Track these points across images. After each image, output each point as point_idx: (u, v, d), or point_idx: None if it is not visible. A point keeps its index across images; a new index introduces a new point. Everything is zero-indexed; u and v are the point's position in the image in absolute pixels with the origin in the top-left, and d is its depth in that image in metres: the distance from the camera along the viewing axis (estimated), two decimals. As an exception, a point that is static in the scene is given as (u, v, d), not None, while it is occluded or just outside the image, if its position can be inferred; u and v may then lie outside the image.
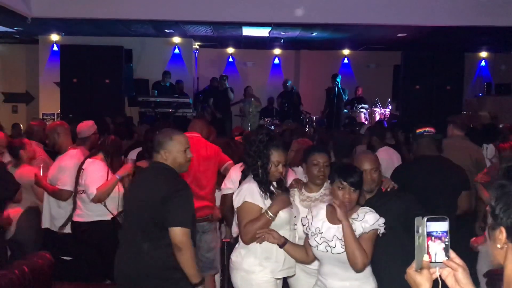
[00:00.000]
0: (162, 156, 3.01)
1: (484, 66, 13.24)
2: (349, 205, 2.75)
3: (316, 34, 10.74)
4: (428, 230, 1.46)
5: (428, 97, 8.75)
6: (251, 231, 2.92)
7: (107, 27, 10.31)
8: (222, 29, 10.40)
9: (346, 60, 13.23)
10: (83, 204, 4.26)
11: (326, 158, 3.25)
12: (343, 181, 2.73)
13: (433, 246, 1.47)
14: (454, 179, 3.92)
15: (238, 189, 3.07)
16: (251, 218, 2.94)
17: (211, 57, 13.27)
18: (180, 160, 3.03)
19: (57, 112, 10.63)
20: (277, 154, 3.02)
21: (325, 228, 2.84)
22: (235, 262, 3.07)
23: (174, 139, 3.04)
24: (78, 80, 9.96)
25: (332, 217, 2.84)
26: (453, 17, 8.56)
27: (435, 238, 1.47)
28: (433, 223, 1.47)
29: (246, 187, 3.00)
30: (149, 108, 10.28)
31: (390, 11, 8.59)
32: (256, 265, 2.99)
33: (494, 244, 1.44)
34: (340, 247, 2.75)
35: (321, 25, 9.49)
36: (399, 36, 10.52)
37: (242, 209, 2.98)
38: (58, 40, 11.50)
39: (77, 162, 4.36)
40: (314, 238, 2.85)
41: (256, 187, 2.99)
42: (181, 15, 8.91)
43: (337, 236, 2.78)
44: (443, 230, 1.47)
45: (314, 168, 3.22)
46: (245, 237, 2.96)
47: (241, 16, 8.82)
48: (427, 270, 1.48)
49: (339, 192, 2.74)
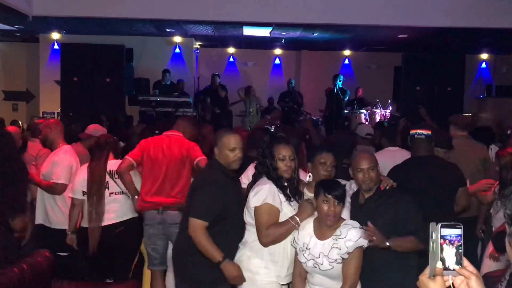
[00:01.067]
0: (216, 152, 3.29)
1: (485, 68, 13.22)
2: (333, 218, 2.83)
3: (317, 34, 10.73)
4: (442, 235, 1.45)
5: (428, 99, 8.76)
6: (274, 235, 2.99)
7: (108, 26, 10.30)
8: (223, 28, 10.40)
9: (347, 61, 13.22)
10: (118, 204, 4.29)
11: (333, 158, 3.27)
12: (328, 194, 2.81)
13: (446, 253, 1.45)
14: (449, 176, 3.96)
15: (257, 188, 3.07)
16: (272, 220, 2.99)
17: (212, 57, 13.27)
18: (227, 158, 3.23)
19: (57, 111, 10.62)
20: (279, 149, 3.12)
21: (312, 244, 2.91)
22: (240, 262, 3.10)
23: (223, 138, 3.26)
24: (78, 78, 9.96)
25: (320, 232, 2.91)
26: (454, 18, 8.55)
27: (449, 243, 1.45)
28: (447, 229, 1.45)
29: (268, 188, 3.03)
30: (150, 107, 10.27)
31: (391, 12, 8.59)
32: (262, 267, 3.04)
33: None
34: (328, 264, 2.83)
35: (322, 25, 9.49)
36: (400, 37, 10.52)
37: (262, 209, 3.01)
38: (59, 39, 11.49)
39: (69, 157, 4.51)
40: (302, 254, 2.93)
41: (276, 189, 3.05)
42: (182, 15, 8.91)
43: (323, 253, 2.85)
44: (457, 234, 1.45)
45: (321, 167, 3.23)
46: (266, 239, 3.00)
47: (242, 16, 8.82)
48: (441, 277, 1.45)
49: (324, 206, 2.82)
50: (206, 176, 3.29)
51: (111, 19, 9.21)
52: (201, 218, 3.06)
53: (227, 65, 13.26)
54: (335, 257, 2.83)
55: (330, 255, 2.83)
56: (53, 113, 10.97)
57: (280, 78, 13.10)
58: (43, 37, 11.64)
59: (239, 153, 3.22)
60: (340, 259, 2.82)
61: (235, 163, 3.24)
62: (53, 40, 11.57)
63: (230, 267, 3.00)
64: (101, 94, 9.86)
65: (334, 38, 11.24)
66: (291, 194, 3.14)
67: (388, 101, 11.05)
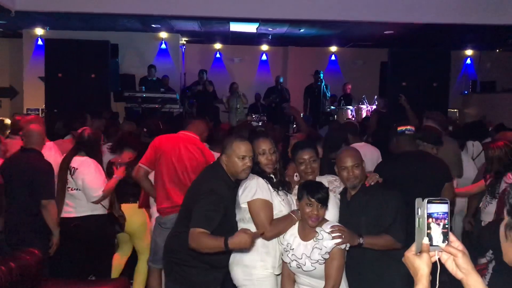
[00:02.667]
0: (223, 159, 3.14)
1: (470, 64, 13.37)
2: (316, 220, 2.86)
3: (303, 30, 10.74)
4: (428, 212, 1.42)
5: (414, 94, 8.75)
6: (278, 229, 2.99)
7: (93, 22, 10.18)
8: (209, 24, 10.35)
9: (334, 57, 13.26)
10: (73, 200, 4.37)
11: (312, 153, 3.29)
12: (311, 197, 2.84)
13: (433, 228, 1.42)
14: (437, 171, 4.02)
15: (245, 184, 3.08)
16: (271, 214, 3.00)
17: (198, 53, 13.20)
18: (235, 166, 3.09)
19: (41, 107, 10.48)
20: (259, 143, 3.15)
21: (296, 244, 2.94)
22: (236, 257, 3.11)
23: (233, 145, 3.11)
24: (63, 75, 9.79)
25: (303, 233, 2.95)
26: (439, 14, 8.62)
27: (436, 219, 1.42)
28: (434, 205, 1.43)
29: (255, 182, 3.05)
30: (136, 104, 10.20)
31: (377, 8, 8.62)
32: (258, 260, 3.06)
33: (511, 245, 1.39)
34: (310, 265, 2.86)
35: (308, 21, 9.49)
36: (386, 33, 10.57)
37: (256, 205, 3.00)
38: (42, 34, 11.34)
39: (54, 153, 4.61)
40: (286, 255, 2.97)
41: (264, 181, 3.06)
42: (168, 10, 8.83)
43: (305, 254, 2.89)
44: (443, 211, 1.43)
45: (300, 166, 3.29)
46: (270, 233, 3.00)
47: (228, 12, 8.78)
48: (427, 254, 1.44)
49: (307, 208, 2.85)
50: (208, 185, 3.07)
51: (96, 14, 9.10)
52: (199, 226, 2.91)
53: (213, 61, 13.20)
54: (316, 258, 2.86)
55: (312, 256, 2.87)
56: (37, 110, 10.83)
57: (267, 74, 13.09)
58: (26, 33, 11.48)
59: (248, 162, 3.08)
60: (322, 259, 2.85)
61: (244, 172, 3.09)
62: (37, 35, 11.42)
63: (236, 241, 2.78)
64: (86, 90, 9.72)
65: (320, 34, 11.26)
66: (278, 185, 3.15)
67: (374, 97, 11.11)
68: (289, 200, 3.17)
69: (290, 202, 3.17)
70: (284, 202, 3.10)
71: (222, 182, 3.10)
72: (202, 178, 3.22)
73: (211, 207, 2.96)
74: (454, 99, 12.05)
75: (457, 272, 1.45)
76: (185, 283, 3.18)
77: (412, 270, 1.47)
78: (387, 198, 3.10)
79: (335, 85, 11.80)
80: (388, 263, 3.08)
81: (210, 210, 2.95)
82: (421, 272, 1.44)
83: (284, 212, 3.06)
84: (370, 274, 3.09)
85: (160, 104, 10.11)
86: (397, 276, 2.98)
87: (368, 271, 3.09)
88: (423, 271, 1.44)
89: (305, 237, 2.94)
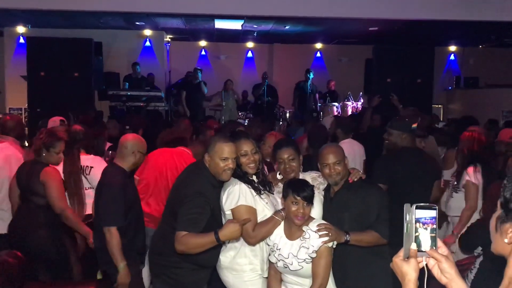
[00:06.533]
0: (206, 159, 3.07)
1: (453, 60, 13.51)
2: (302, 219, 2.84)
3: (288, 27, 10.74)
4: (416, 217, 1.43)
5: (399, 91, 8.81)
6: (261, 234, 2.96)
7: (76, 19, 10.06)
8: (194, 21, 10.29)
9: (319, 54, 13.30)
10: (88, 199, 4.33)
11: (291, 151, 3.26)
12: (297, 196, 2.82)
13: (421, 235, 1.43)
14: (432, 169, 4.15)
15: (228, 190, 3.03)
16: (254, 220, 2.95)
17: (183, 50, 13.13)
18: (217, 167, 3.02)
19: (24, 107, 10.34)
20: (240, 145, 3.09)
21: (282, 244, 2.93)
22: (225, 262, 3.11)
23: (216, 146, 3.04)
24: (46, 73, 9.65)
25: (289, 232, 2.93)
26: (423, 11, 8.67)
27: (424, 224, 1.43)
28: (422, 211, 1.44)
29: (238, 189, 3.00)
30: (120, 102, 10.10)
31: (361, 5, 8.64)
32: (247, 264, 3.06)
33: (500, 238, 1.38)
34: (297, 265, 2.85)
35: (293, 18, 9.49)
36: (370, 30, 10.62)
37: (239, 212, 2.96)
38: (24, 32, 11.18)
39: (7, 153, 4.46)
40: (273, 255, 2.95)
41: (246, 187, 3.02)
42: (152, 7, 8.75)
43: (292, 254, 2.87)
44: (431, 216, 1.44)
45: (280, 165, 3.28)
46: (254, 240, 2.97)
47: (213, 9, 8.73)
48: (415, 259, 1.45)
49: (293, 207, 2.83)
50: (194, 187, 3.02)
51: (79, 12, 8.98)
52: (184, 229, 2.88)
53: (199, 58, 13.15)
54: (303, 257, 2.85)
55: (299, 255, 2.86)
56: (20, 109, 10.69)
57: (253, 71, 13.07)
58: (8, 31, 11.32)
59: (230, 164, 3.00)
60: (309, 258, 2.84)
61: (225, 173, 3.02)
62: (19, 33, 11.26)
63: (226, 232, 2.79)
64: (69, 89, 9.59)
65: (305, 31, 11.27)
66: (261, 186, 3.13)
67: (359, 93, 11.16)
68: (272, 200, 3.15)
69: (274, 202, 3.15)
70: (268, 205, 3.08)
71: (207, 183, 3.05)
72: (186, 179, 3.15)
73: (197, 210, 2.92)
74: (438, 95, 12.17)
75: (442, 277, 1.46)
76: (175, 284, 3.15)
77: (400, 275, 1.48)
78: (370, 194, 3.11)
79: (321, 82, 11.83)
80: (373, 260, 3.08)
81: (195, 213, 2.91)
82: (409, 277, 1.45)
83: (269, 215, 3.03)
84: (355, 270, 3.10)
85: (145, 102, 10.03)
86: (382, 272, 2.99)
87: (353, 268, 3.10)
88: (410, 276, 1.44)
89: (291, 236, 2.92)
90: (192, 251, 2.87)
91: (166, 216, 3.22)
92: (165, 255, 3.13)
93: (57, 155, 3.98)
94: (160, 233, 3.26)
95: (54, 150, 3.95)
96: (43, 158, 3.94)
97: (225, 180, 3.07)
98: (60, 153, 4.01)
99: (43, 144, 3.92)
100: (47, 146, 3.92)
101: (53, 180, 3.86)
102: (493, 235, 1.42)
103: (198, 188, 2.99)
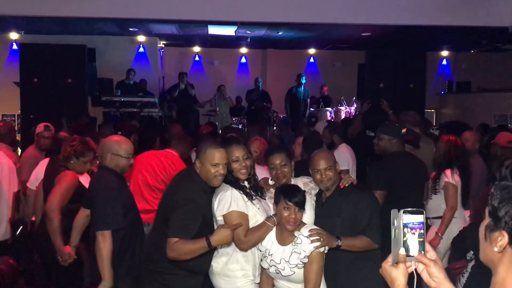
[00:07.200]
0: (197, 165, 3.07)
1: (446, 64, 13.59)
2: (294, 225, 2.86)
3: (282, 33, 10.77)
4: (404, 222, 1.44)
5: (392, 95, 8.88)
6: (253, 240, 2.97)
7: (69, 26, 10.05)
8: (187, 27, 10.31)
9: (312, 59, 13.34)
10: None
11: (282, 157, 3.30)
12: (289, 201, 2.83)
13: (409, 240, 1.44)
14: (423, 172, 4.28)
15: (220, 196, 3.02)
16: (245, 225, 2.96)
17: (177, 56, 13.14)
18: (208, 173, 3.02)
19: (17, 113, 10.31)
20: (232, 151, 3.10)
21: (274, 249, 2.94)
22: (217, 268, 3.10)
23: (207, 152, 3.03)
24: (39, 80, 9.64)
25: (281, 237, 2.94)
26: (415, 16, 8.73)
27: (411, 229, 1.44)
28: (409, 216, 1.44)
29: (229, 195, 3.00)
30: (114, 108, 10.08)
31: (354, 11, 8.69)
32: (239, 269, 3.06)
33: (490, 246, 1.37)
34: (289, 270, 2.86)
35: (286, 24, 9.53)
36: (363, 35, 10.67)
37: (231, 218, 2.96)
38: (17, 39, 11.15)
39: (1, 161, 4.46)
40: (265, 260, 2.96)
41: (238, 193, 3.02)
42: (145, 13, 8.77)
43: (284, 259, 2.88)
44: (419, 221, 1.44)
45: (272, 171, 3.31)
46: (246, 245, 2.98)
47: (206, 15, 8.75)
48: (403, 265, 1.45)
49: (285, 212, 2.84)
50: (185, 194, 3.00)
51: (72, 18, 8.97)
52: (176, 236, 2.87)
53: (192, 64, 13.16)
54: (295, 262, 2.85)
55: (291, 261, 2.86)
56: (13, 116, 10.64)
57: (247, 76, 13.10)
58: (0, 37, 11.27)
59: (221, 170, 3.00)
60: (301, 263, 2.84)
61: (216, 179, 3.01)
62: (12, 40, 11.23)
63: (217, 237, 2.80)
64: (63, 95, 9.58)
65: (298, 37, 11.32)
66: (253, 192, 3.13)
67: (353, 98, 11.21)
68: (264, 206, 3.16)
69: (266, 207, 3.15)
70: (260, 210, 3.08)
71: (199, 189, 3.04)
72: (178, 185, 3.13)
73: (188, 216, 2.92)
74: (431, 99, 12.24)
75: (431, 282, 1.46)
76: None
77: (389, 281, 1.48)
78: (361, 199, 3.12)
79: (314, 87, 11.87)
80: (364, 265, 3.10)
81: (187, 219, 2.91)
82: (398, 282, 1.46)
83: (260, 221, 3.03)
84: (346, 275, 3.11)
85: (139, 108, 10.02)
86: (373, 277, 3.00)
87: (344, 273, 3.11)
88: (399, 282, 1.45)
89: (283, 241, 2.93)
90: (184, 257, 2.86)
91: (158, 222, 3.21)
92: (157, 261, 3.11)
93: (84, 164, 3.96)
94: (152, 239, 3.25)
95: (83, 159, 3.92)
96: (70, 165, 3.90)
97: (216, 186, 3.07)
98: (87, 163, 3.99)
99: (74, 151, 3.89)
100: (77, 154, 3.90)
101: (65, 181, 3.78)
102: (482, 244, 1.41)
103: (190, 194, 2.99)
